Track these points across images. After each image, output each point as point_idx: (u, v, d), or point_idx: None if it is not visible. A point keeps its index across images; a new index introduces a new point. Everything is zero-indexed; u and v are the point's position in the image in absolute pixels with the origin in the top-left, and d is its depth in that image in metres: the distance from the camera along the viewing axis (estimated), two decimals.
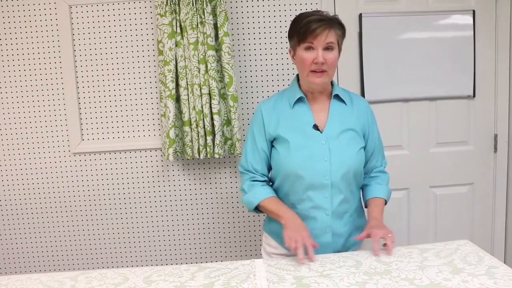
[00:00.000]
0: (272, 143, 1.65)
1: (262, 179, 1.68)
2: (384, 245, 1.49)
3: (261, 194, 1.64)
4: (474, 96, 2.54)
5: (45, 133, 2.43)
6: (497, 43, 2.52)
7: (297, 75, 1.70)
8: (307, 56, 1.54)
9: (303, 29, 1.52)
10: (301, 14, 1.57)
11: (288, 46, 1.67)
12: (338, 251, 1.62)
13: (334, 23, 1.53)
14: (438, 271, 1.32)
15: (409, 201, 2.62)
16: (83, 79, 2.40)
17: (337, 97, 1.65)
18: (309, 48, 1.53)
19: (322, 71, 1.55)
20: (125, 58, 2.39)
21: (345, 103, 1.65)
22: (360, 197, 1.74)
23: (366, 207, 1.72)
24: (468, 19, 2.47)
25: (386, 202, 1.70)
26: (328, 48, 1.53)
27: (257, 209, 1.66)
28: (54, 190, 2.48)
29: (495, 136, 2.60)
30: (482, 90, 2.55)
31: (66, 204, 2.49)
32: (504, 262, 1.35)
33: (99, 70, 2.40)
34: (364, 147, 1.67)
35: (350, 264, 1.41)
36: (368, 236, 1.51)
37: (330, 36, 1.52)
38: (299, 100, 1.63)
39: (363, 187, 1.74)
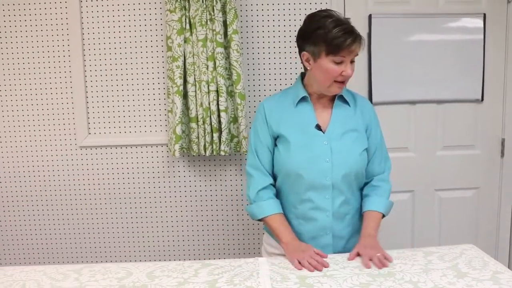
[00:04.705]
0: (275, 140, 1.64)
1: (269, 182, 1.64)
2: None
3: (266, 209, 1.61)
4: (482, 100, 2.53)
5: (52, 126, 2.44)
6: (507, 48, 2.51)
7: (301, 73, 1.69)
8: (335, 68, 1.50)
9: (336, 41, 1.46)
10: (322, 19, 1.50)
11: (295, 45, 1.64)
12: (339, 253, 1.61)
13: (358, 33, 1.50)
14: (442, 274, 1.31)
15: (414, 204, 2.61)
16: (91, 73, 2.41)
17: (341, 98, 1.64)
18: (339, 62, 1.49)
19: (345, 81, 1.54)
20: (134, 53, 2.39)
21: (348, 105, 1.64)
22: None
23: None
24: (479, 23, 2.46)
25: (383, 216, 1.65)
26: (353, 59, 1.52)
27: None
28: (59, 183, 2.48)
29: (503, 141, 2.58)
30: (490, 94, 2.54)
31: (71, 197, 2.50)
32: (508, 268, 1.34)
33: (107, 65, 2.40)
34: (367, 148, 1.65)
35: (354, 265, 1.41)
36: (359, 255, 1.47)
37: (358, 49, 1.50)
38: (303, 99, 1.62)
39: (363, 197, 1.69)
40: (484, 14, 2.45)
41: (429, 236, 2.63)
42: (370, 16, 2.41)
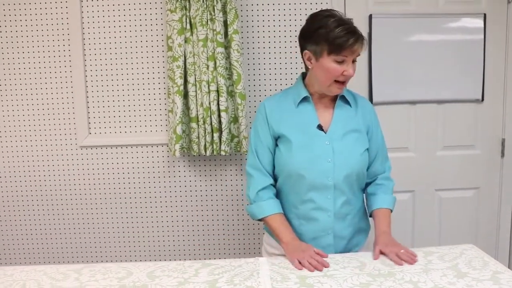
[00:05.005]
0: (276, 141, 1.64)
1: (269, 182, 1.65)
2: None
3: (266, 209, 1.61)
4: (482, 100, 2.53)
5: (53, 125, 2.44)
6: (507, 48, 2.51)
7: (302, 73, 1.69)
8: (336, 68, 1.50)
9: (338, 40, 1.46)
10: (325, 18, 1.50)
11: (297, 45, 1.64)
12: (340, 253, 1.61)
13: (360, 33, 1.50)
14: (442, 274, 1.31)
15: (414, 204, 2.61)
16: (92, 73, 2.41)
17: (342, 98, 1.64)
18: (341, 61, 1.50)
19: (345, 81, 1.55)
20: (134, 53, 2.40)
21: (349, 105, 1.64)
22: (363, 199, 1.72)
23: (370, 216, 1.70)
24: (479, 23, 2.46)
25: (391, 211, 1.68)
26: (354, 59, 1.52)
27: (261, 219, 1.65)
28: (60, 183, 2.49)
29: (503, 141, 2.58)
30: (490, 94, 2.54)
31: (71, 197, 2.50)
32: (508, 268, 1.34)
33: (108, 64, 2.40)
34: (368, 149, 1.66)
35: (354, 265, 1.41)
36: (382, 253, 1.49)
37: (360, 49, 1.50)
38: (304, 99, 1.61)
39: (369, 196, 1.71)
40: (484, 14, 2.45)
41: (429, 236, 2.63)
42: (370, 16, 2.41)
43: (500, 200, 2.64)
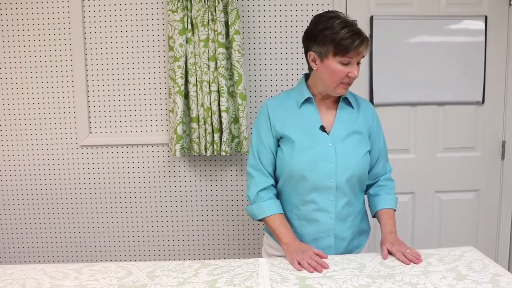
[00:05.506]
0: (278, 141, 1.63)
1: (270, 183, 1.65)
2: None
3: (266, 209, 1.61)
4: (483, 102, 2.53)
5: (53, 125, 2.44)
6: (508, 50, 2.51)
7: (305, 74, 1.69)
8: (342, 69, 1.49)
9: (345, 42, 1.45)
10: (330, 20, 1.49)
11: (299, 46, 1.63)
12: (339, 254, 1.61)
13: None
14: (442, 276, 1.31)
15: (414, 206, 2.61)
16: (93, 72, 2.41)
17: (345, 100, 1.64)
18: (346, 63, 1.49)
19: (350, 82, 1.55)
20: (135, 53, 2.40)
21: (352, 107, 1.64)
22: (364, 201, 1.73)
23: (374, 216, 1.71)
24: (480, 25, 2.46)
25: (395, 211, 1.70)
26: (359, 61, 1.52)
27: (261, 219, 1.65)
28: (60, 182, 2.49)
29: (503, 143, 2.58)
30: (491, 97, 2.54)
31: (72, 196, 2.50)
32: (508, 270, 1.35)
33: (109, 64, 2.41)
34: (369, 151, 1.66)
35: (354, 266, 1.41)
36: (390, 253, 1.50)
37: (365, 51, 1.50)
38: (307, 100, 1.61)
39: (371, 197, 1.72)
40: (486, 16, 2.45)
41: (429, 238, 2.63)
42: (371, 18, 2.41)
43: (500, 202, 2.63)
